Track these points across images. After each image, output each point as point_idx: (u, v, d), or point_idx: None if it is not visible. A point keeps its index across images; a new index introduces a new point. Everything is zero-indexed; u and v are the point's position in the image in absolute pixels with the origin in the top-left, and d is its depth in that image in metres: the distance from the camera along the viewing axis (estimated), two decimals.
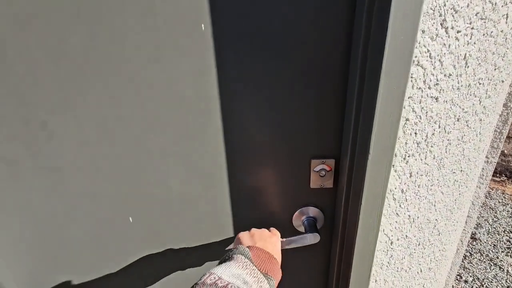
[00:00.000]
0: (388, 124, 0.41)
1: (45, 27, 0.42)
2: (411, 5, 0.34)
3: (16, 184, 0.54)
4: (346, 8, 0.43)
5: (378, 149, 0.42)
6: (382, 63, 0.36)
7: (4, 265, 0.63)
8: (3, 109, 0.48)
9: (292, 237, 0.50)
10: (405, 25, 0.35)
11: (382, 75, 0.37)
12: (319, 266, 0.64)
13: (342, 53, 0.46)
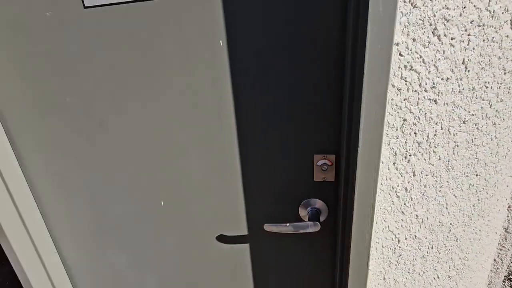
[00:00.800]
0: (373, 122, 0.46)
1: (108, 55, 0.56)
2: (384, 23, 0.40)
3: (79, 171, 0.69)
4: (339, 31, 0.50)
5: (366, 145, 0.47)
6: (364, 69, 0.42)
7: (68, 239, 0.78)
8: (75, 111, 0.63)
9: (295, 223, 0.56)
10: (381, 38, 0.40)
11: (364, 80, 0.42)
12: (325, 253, 0.68)
13: (338, 64, 0.52)
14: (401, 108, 0.53)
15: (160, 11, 0.53)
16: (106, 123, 0.64)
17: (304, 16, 0.51)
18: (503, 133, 0.68)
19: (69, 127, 0.65)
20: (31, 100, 0.62)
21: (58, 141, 0.66)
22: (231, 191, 0.66)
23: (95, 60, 0.58)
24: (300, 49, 0.51)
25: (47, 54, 0.58)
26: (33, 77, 0.60)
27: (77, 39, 0.56)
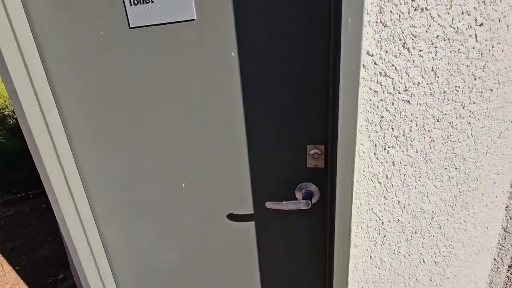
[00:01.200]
0: (349, 119, 0.57)
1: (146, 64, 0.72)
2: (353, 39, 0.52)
3: (121, 160, 0.85)
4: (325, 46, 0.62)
5: (344, 137, 0.58)
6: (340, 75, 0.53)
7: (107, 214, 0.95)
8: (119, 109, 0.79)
9: (290, 201, 0.68)
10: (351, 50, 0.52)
11: (340, 84, 0.54)
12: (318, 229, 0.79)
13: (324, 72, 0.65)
14: (378, 107, 0.64)
15: (184, 32, 0.68)
16: (142, 120, 0.79)
17: (298, 37, 0.64)
18: (479, 131, 0.77)
19: (114, 122, 0.81)
20: (90, 99, 0.79)
21: (107, 135, 0.83)
22: (239, 177, 0.79)
23: (136, 68, 0.74)
24: (296, 62, 0.64)
25: (101, 63, 0.75)
26: (91, 81, 0.77)
27: (124, 52, 0.72)
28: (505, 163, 0.91)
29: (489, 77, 0.70)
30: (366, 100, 0.63)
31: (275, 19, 0.63)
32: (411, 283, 0.89)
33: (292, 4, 0.61)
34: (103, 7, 0.69)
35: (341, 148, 0.60)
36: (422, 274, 0.90)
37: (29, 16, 0.73)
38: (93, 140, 0.86)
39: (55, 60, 0.77)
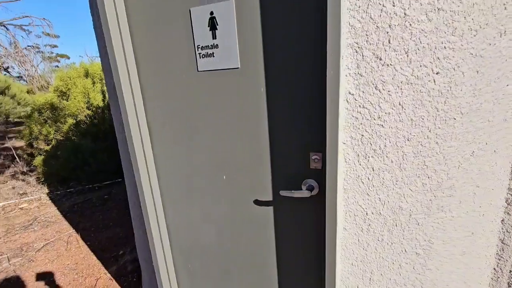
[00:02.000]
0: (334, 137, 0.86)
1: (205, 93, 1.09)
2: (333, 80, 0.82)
3: (181, 157, 1.24)
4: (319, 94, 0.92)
5: (331, 149, 0.87)
6: (326, 108, 0.83)
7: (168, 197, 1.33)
8: (184, 121, 1.18)
9: (296, 190, 0.97)
10: (333, 88, 0.82)
11: (327, 114, 0.84)
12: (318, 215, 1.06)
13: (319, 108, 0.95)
14: (359, 129, 0.93)
15: (231, 75, 1.03)
16: (200, 132, 1.17)
17: (302, 86, 0.95)
18: (448, 150, 1.00)
19: (181, 132, 1.20)
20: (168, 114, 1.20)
21: (175, 141, 1.22)
22: (263, 173, 1.11)
23: (200, 95, 1.11)
24: (303, 101, 0.96)
25: (179, 92, 1.14)
26: (170, 102, 1.17)
27: (193, 85, 1.11)
28: (486, 178, 1.10)
29: (451, 109, 0.94)
30: (350, 123, 0.92)
31: (289, 74, 0.95)
32: (395, 268, 1.12)
33: (300, 67, 0.93)
34: (185, 59, 1.08)
35: (329, 156, 0.89)
36: (405, 262, 1.12)
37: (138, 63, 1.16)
38: (166, 144, 1.26)
39: (150, 86, 1.19)
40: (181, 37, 1.06)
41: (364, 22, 0.82)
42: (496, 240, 1.34)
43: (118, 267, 2.37)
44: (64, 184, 4.51)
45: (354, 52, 0.86)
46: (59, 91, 4.35)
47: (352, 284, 1.11)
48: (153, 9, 1.08)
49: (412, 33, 0.84)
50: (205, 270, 1.41)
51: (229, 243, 1.29)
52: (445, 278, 1.20)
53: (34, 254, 2.66)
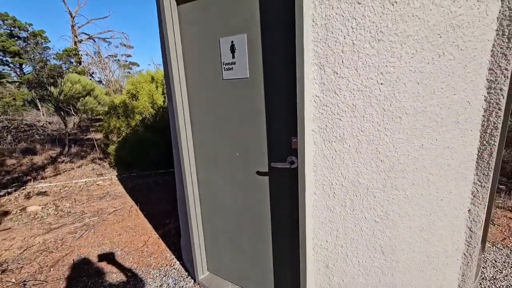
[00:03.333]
0: (302, 127, 1.27)
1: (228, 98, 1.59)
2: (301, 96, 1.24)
3: (209, 141, 1.75)
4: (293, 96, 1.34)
5: (302, 135, 1.28)
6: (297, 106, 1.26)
7: (200, 166, 1.86)
8: (213, 118, 1.69)
9: (282, 163, 1.39)
10: (301, 93, 1.24)
11: (298, 111, 1.26)
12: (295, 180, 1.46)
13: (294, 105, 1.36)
14: (323, 121, 1.32)
15: (243, 82, 1.51)
16: (222, 122, 1.67)
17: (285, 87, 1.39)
18: (397, 141, 1.33)
19: (210, 123, 1.72)
20: (202, 111, 1.73)
21: (206, 130, 1.75)
22: (262, 152, 1.56)
23: (223, 96, 1.62)
24: (287, 101, 1.39)
25: (210, 94, 1.67)
26: (203, 103, 1.71)
27: (219, 90, 1.62)
28: (441, 169, 1.39)
29: (396, 110, 1.28)
30: (317, 117, 1.32)
31: (277, 82, 1.40)
32: (357, 230, 1.46)
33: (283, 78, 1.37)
34: (215, 71, 1.61)
35: (300, 140, 1.31)
36: (366, 227, 1.45)
37: (186, 73, 1.72)
38: (200, 131, 1.79)
39: (191, 89, 1.74)
40: (213, 56, 1.59)
41: (324, 49, 1.23)
42: (464, 227, 1.58)
43: (164, 231, 3.01)
44: (129, 169, 5.49)
45: (319, 68, 1.27)
46: (130, 93, 5.36)
47: (322, 238, 1.49)
48: (196, 38, 1.63)
49: (359, 56, 1.22)
50: (223, 224, 1.90)
51: (240, 201, 1.76)
52: (404, 247, 1.49)
53: (106, 216, 3.48)
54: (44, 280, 2.30)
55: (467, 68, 1.30)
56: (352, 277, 1.51)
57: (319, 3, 1.21)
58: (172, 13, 1.60)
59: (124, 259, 2.53)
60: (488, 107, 1.38)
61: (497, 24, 1.30)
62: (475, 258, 1.60)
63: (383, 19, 1.17)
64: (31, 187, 4.68)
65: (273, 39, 1.36)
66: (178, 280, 2.17)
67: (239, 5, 1.42)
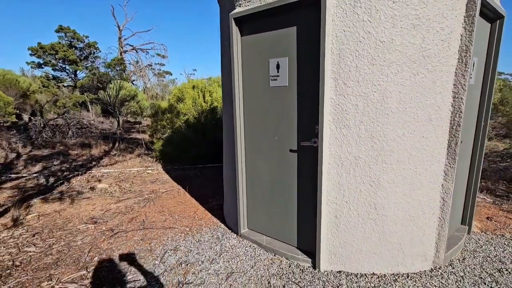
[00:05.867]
0: (322, 117, 1.98)
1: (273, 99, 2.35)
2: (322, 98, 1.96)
3: (256, 131, 2.51)
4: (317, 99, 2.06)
5: (322, 123, 1.99)
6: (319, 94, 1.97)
7: (248, 152, 2.62)
8: (262, 114, 2.45)
9: (308, 142, 2.09)
10: (322, 96, 1.95)
11: (319, 106, 1.97)
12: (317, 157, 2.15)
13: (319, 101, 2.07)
14: (336, 114, 2.02)
15: (283, 89, 2.26)
16: (266, 116, 2.42)
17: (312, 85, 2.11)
18: (386, 129, 2.00)
19: (258, 118, 2.48)
20: (252, 110, 2.50)
21: (254, 123, 2.51)
22: (294, 135, 2.28)
23: (269, 100, 2.37)
24: (314, 100, 2.11)
25: (259, 98, 2.43)
26: (254, 103, 2.47)
27: (267, 95, 2.38)
28: (418, 151, 2.04)
29: (385, 109, 1.96)
30: (332, 112, 2.03)
31: (307, 89, 2.12)
32: (357, 191, 2.12)
33: (311, 85, 2.09)
34: (264, 81, 2.38)
35: (320, 127, 2.02)
36: (363, 189, 2.11)
37: (243, 83, 2.51)
38: (251, 124, 2.55)
39: (247, 95, 2.52)
40: (263, 71, 2.36)
41: (337, 69, 1.95)
42: (439, 198, 2.21)
43: (208, 206, 3.79)
44: (171, 163, 6.40)
45: (334, 81, 1.99)
46: (176, 97, 6.33)
47: (333, 195, 2.16)
48: (252, 58, 2.41)
49: (360, 74, 1.93)
50: (261, 192, 2.63)
51: (275, 174, 2.49)
52: (391, 206, 2.13)
53: (161, 194, 4.33)
54: (125, 230, 3.14)
55: (436, 83, 1.96)
56: (353, 224, 2.16)
57: (335, 41, 1.94)
58: (238, 41, 2.41)
59: (181, 221, 3.32)
60: (453, 111, 2.02)
61: (458, 54, 1.96)
62: (447, 221, 2.19)
63: (376, 51, 1.88)
64: (95, 172, 5.71)
65: (304, 61, 2.11)
66: (224, 233, 2.92)
67: (283, 39, 2.19)
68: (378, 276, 2.19)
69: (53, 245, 2.81)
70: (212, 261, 2.45)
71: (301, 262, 2.36)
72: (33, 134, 8.52)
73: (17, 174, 5.41)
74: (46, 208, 3.76)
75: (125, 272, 2.33)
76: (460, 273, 2.24)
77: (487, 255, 2.51)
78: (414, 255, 2.20)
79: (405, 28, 1.85)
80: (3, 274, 2.32)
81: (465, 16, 1.91)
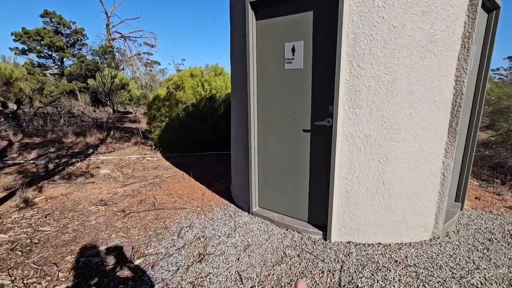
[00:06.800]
0: (336, 98, 2.12)
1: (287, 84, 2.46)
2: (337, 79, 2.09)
3: (269, 112, 2.63)
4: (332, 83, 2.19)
5: (336, 103, 2.13)
6: (335, 76, 2.10)
7: (259, 131, 2.74)
8: (276, 104, 2.57)
9: (322, 121, 2.23)
10: (338, 77, 2.09)
11: (334, 86, 2.11)
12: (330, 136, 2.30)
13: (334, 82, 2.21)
14: (349, 95, 2.17)
15: (298, 71, 2.38)
16: (280, 100, 2.53)
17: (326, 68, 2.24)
18: (395, 109, 2.16)
19: (271, 101, 2.59)
20: (267, 92, 2.61)
21: (268, 106, 2.62)
22: (307, 114, 2.42)
23: (283, 82, 2.49)
24: (329, 81, 2.24)
25: (273, 81, 2.54)
26: (268, 86, 2.58)
27: (281, 77, 2.49)
28: (423, 130, 2.21)
29: (394, 90, 2.11)
30: (346, 92, 2.17)
31: (322, 70, 2.25)
32: (367, 167, 2.28)
33: (326, 67, 2.22)
34: (279, 63, 2.48)
35: (335, 107, 2.16)
36: (373, 165, 2.28)
37: (257, 65, 2.61)
38: (264, 104, 2.67)
39: (260, 77, 2.62)
40: (278, 54, 2.47)
41: (352, 52, 2.09)
42: (439, 173, 2.40)
43: (215, 189, 3.90)
44: (170, 150, 6.44)
45: (348, 63, 2.12)
46: (176, 84, 6.33)
47: (344, 171, 2.33)
48: (267, 42, 2.51)
49: (373, 57, 2.07)
50: (273, 171, 2.77)
51: (288, 153, 2.62)
52: (397, 181, 2.31)
53: (165, 179, 4.40)
54: (136, 211, 3.22)
55: (441, 67, 2.13)
56: (362, 198, 2.34)
57: (351, 25, 2.07)
58: (253, 25, 2.50)
59: (190, 202, 3.43)
60: (455, 93, 2.20)
61: (461, 40, 2.13)
62: (446, 195, 2.39)
63: (389, 35, 2.02)
64: (94, 159, 5.68)
65: (319, 44, 2.23)
66: (236, 212, 3.05)
67: (299, 23, 2.30)
68: (384, 245, 2.39)
69: (68, 224, 2.86)
70: (229, 235, 2.58)
71: (312, 235, 2.53)
72: (23, 122, 8.31)
73: (14, 161, 5.32)
74: (52, 192, 3.77)
75: (145, 246, 2.43)
76: (456, 242, 2.47)
77: (478, 228, 2.75)
78: (416, 226, 2.41)
79: (415, 14, 2.00)
80: (24, 251, 2.37)
81: (469, 4, 2.07)
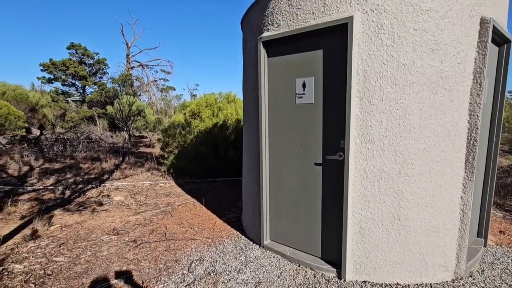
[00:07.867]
0: (348, 133, 2.13)
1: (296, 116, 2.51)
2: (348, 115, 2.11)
3: (281, 143, 2.65)
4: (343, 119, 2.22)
5: (348, 138, 2.13)
6: (345, 111, 2.12)
7: (272, 158, 2.75)
8: (285, 127, 2.61)
9: (334, 155, 2.23)
10: (348, 113, 2.11)
11: (345, 121, 2.13)
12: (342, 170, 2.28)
13: (345, 117, 2.23)
14: (361, 130, 2.17)
15: (309, 106, 2.42)
16: (292, 129, 2.57)
17: (337, 104, 2.27)
18: (408, 144, 2.14)
19: (281, 130, 2.63)
20: (277, 122, 2.66)
21: (279, 134, 2.66)
22: (319, 149, 2.42)
23: (294, 114, 2.53)
24: (339, 116, 2.27)
25: (284, 113, 2.59)
26: (280, 116, 2.63)
27: (292, 111, 2.55)
28: (438, 165, 2.17)
29: (407, 125, 2.11)
30: (357, 127, 2.18)
31: (333, 106, 2.29)
32: (381, 202, 2.22)
33: (337, 104, 2.25)
34: (290, 98, 2.55)
35: (346, 141, 2.16)
36: (387, 200, 2.22)
37: (269, 100, 2.69)
38: (275, 137, 2.70)
39: (272, 110, 2.68)
40: (289, 89, 2.53)
41: (363, 88, 2.12)
42: (458, 209, 2.32)
43: (226, 218, 3.87)
44: (182, 177, 6.51)
45: (359, 99, 2.15)
46: (192, 112, 6.53)
47: (358, 207, 2.27)
48: (278, 78, 2.59)
49: (384, 93, 2.10)
50: (285, 203, 2.74)
51: (300, 186, 2.60)
52: (414, 217, 2.23)
53: (176, 207, 4.41)
54: (147, 241, 3.21)
55: (453, 101, 2.12)
56: (378, 235, 2.26)
57: (361, 63, 2.12)
58: (265, 62, 2.60)
59: (201, 233, 3.40)
60: (470, 127, 2.17)
61: (472, 76, 2.13)
62: (467, 232, 2.28)
63: (398, 72, 2.06)
64: (109, 185, 5.80)
65: (330, 81, 2.29)
66: (246, 245, 2.99)
67: (309, 60, 2.38)
68: (402, 286, 2.26)
69: (80, 255, 2.88)
70: (239, 271, 2.52)
71: (326, 272, 2.43)
72: (45, 147, 8.67)
73: (33, 186, 5.50)
74: (67, 220, 3.84)
75: (155, 280, 2.40)
76: (481, 283, 2.31)
77: (505, 267, 2.58)
78: (436, 265, 2.28)
79: (424, 52, 2.03)
80: (37, 283, 2.39)
81: (478, 41, 2.10)
